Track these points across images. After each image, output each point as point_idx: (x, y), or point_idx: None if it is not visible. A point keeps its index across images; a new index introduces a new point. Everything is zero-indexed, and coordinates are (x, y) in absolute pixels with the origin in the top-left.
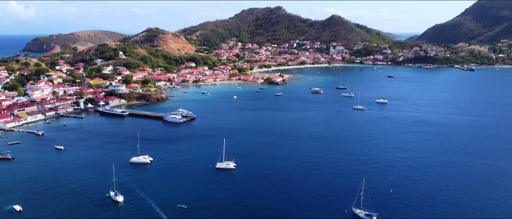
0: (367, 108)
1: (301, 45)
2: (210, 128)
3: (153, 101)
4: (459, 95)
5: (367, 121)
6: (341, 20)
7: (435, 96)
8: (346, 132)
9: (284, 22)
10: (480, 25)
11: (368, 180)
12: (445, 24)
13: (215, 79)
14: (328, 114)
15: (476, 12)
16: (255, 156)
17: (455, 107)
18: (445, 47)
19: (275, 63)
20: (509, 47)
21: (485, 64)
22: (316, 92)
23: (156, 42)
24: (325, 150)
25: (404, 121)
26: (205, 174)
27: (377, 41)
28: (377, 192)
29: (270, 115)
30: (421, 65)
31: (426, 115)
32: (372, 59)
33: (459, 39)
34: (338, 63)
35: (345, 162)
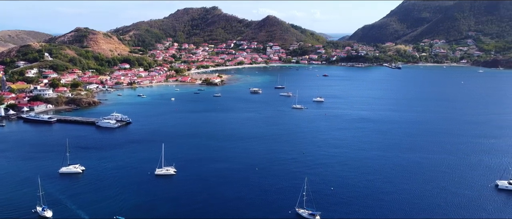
0: (305, 107)
1: (239, 46)
2: (147, 132)
3: (84, 106)
4: (390, 93)
5: (305, 119)
6: (276, 20)
7: (369, 93)
8: (286, 131)
9: (220, 22)
10: (404, 26)
11: (310, 179)
12: (373, 25)
13: (151, 81)
14: (267, 113)
15: (400, 13)
16: (196, 159)
17: (388, 104)
18: (374, 47)
19: (213, 64)
20: (430, 46)
21: (410, 62)
22: (255, 93)
23: (86, 42)
24: (266, 150)
25: (341, 118)
26: (143, 181)
27: (311, 41)
28: (319, 191)
29: (210, 117)
30: (353, 64)
31: (361, 112)
32: (307, 58)
33: (386, 39)
34: (275, 63)
35: (286, 161)
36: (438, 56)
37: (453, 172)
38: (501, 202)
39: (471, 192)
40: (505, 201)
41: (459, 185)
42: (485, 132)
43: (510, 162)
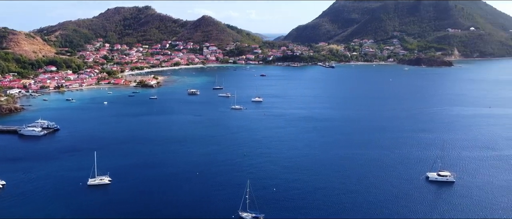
0: (244, 107)
1: (174, 46)
2: (78, 140)
3: (4, 113)
4: (326, 91)
5: (245, 120)
6: (212, 20)
7: (306, 92)
8: (226, 132)
9: (154, 22)
10: (336, 26)
11: (252, 181)
12: (306, 25)
13: (81, 84)
14: (206, 115)
15: (331, 14)
16: (133, 166)
17: (324, 102)
18: (309, 47)
19: (148, 65)
20: (360, 46)
21: (343, 61)
22: (193, 94)
23: (5, 44)
24: (207, 153)
25: (280, 118)
26: (74, 193)
27: (247, 41)
28: (262, 193)
29: (146, 120)
30: (289, 63)
31: (300, 110)
32: (244, 59)
33: (320, 39)
34: (212, 63)
35: (228, 164)
36: (367, 55)
37: (387, 167)
38: (431, 193)
39: (403, 185)
40: (435, 192)
41: (392, 179)
42: (415, 126)
43: (438, 154)
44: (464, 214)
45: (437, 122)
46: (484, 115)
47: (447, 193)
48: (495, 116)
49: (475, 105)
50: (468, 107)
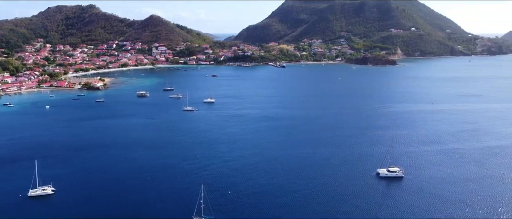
0: (196, 109)
1: (121, 46)
2: (16, 148)
3: None
4: (278, 90)
5: (197, 121)
6: (160, 20)
7: (258, 92)
8: (178, 135)
9: (99, 21)
10: (285, 26)
11: (206, 185)
12: (256, 25)
13: (20, 88)
14: (157, 117)
15: (280, 15)
16: (78, 175)
17: (277, 102)
18: (259, 47)
19: (93, 67)
20: (309, 45)
21: (293, 61)
22: (142, 96)
23: None
24: (158, 157)
25: (234, 119)
26: (12, 206)
27: (198, 41)
28: (216, 196)
29: (93, 125)
30: (241, 63)
31: (253, 110)
32: (195, 59)
33: (270, 39)
34: (162, 64)
35: (181, 168)
36: (317, 55)
37: (339, 165)
38: (382, 189)
39: (355, 182)
40: (385, 187)
41: (344, 177)
42: (364, 123)
43: (388, 150)
44: (413, 208)
45: (385, 118)
46: (428, 111)
47: (396, 188)
48: (437, 112)
49: (419, 102)
50: (413, 104)
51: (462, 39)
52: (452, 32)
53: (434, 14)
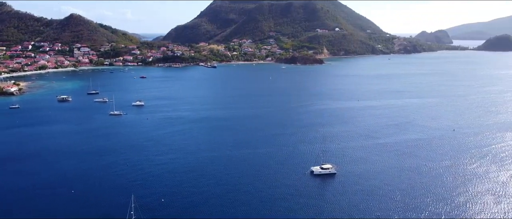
0: (124, 113)
1: (39, 47)
2: None
3: None
4: (211, 91)
5: (126, 126)
6: (82, 19)
7: (190, 93)
8: (105, 141)
9: (12, 20)
10: (215, 26)
11: (137, 194)
12: (185, 25)
13: None
14: (81, 124)
15: (209, 14)
16: None
17: (210, 103)
18: (189, 47)
19: (6, 70)
20: (239, 45)
21: (224, 61)
22: (63, 101)
23: None
24: (82, 166)
25: (166, 121)
26: None
27: (124, 41)
28: (149, 205)
29: (6, 135)
30: (171, 64)
31: (186, 112)
32: (122, 60)
33: (200, 39)
34: (85, 66)
35: (109, 177)
36: (247, 55)
37: (275, 164)
38: (316, 186)
39: (290, 181)
40: (319, 185)
41: (280, 176)
42: (298, 122)
43: (321, 148)
44: (344, 204)
45: (317, 116)
46: (357, 107)
47: (329, 184)
48: (366, 108)
49: (348, 99)
50: (342, 101)
51: (381, 38)
52: (372, 32)
53: (355, 15)
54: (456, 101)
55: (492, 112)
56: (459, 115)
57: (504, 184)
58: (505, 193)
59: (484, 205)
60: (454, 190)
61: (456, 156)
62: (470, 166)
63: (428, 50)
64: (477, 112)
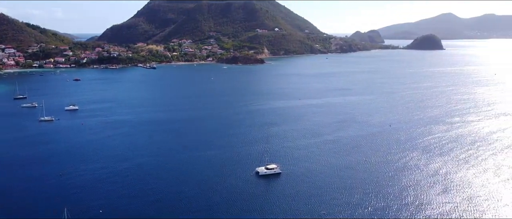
0: (56, 118)
1: None
2: None
3: None
4: (151, 93)
5: (59, 133)
6: (6, 18)
7: (129, 95)
8: (34, 150)
9: None
10: (153, 26)
11: (72, 206)
12: (122, 25)
13: None
14: (7, 132)
15: (147, 14)
16: None
17: (151, 105)
18: (126, 48)
19: None
20: (179, 46)
21: (164, 62)
22: None
23: None
24: (10, 179)
25: (103, 126)
26: None
27: (55, 42)
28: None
29: None
30: (107, 66)
31: (125, 116)
32: (53, 62)
33: (137, 39)
34: (11, 68)
35: (39, 190)
36: (188, 55)
37: (221, 167)
38: (262, 187)
39: (235, 184)
40: (265, 185)
41: (226, 179)
42: (242, 122)
43: (265, 148)
44: (289, 204)
45: (262, 116)
46: (298, 106)
47: (274, 185)
48: (309, 106)
49: (290, 98)
50: (285, 100)
51: (319, 38)
52: (310, 32)
53: (293, 16)
54: (391, 97)
55: (422, 107)
56: (395, 110)
57: (446, 174)
58: (446, 183)
59: (428, 197)
60: (396, 184)
61: (395, 150)
62: (408, 158)
63: (362, 49)
64: (410, 107)
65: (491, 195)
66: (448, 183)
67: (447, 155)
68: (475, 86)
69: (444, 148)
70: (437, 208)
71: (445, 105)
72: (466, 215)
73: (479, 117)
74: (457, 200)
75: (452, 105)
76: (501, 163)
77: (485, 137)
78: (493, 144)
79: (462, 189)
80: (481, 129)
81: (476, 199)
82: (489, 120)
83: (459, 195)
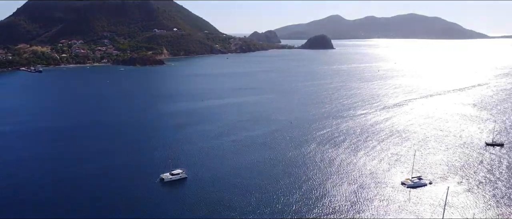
0: None
1: None
2: None
3: None
4: (37, 99)
5: None
6: None
7: (11, 104)
8: None
9: None
10: (37, 26)
11: None
12: None
13: None
14: None
15: (29, 12)
16: None
17: (38, 113)
18: (5, 49)
19: None
20: (69, 47)
21: (52, 64)
22: None
23: None
24: None
25: None
26: None
27: None
28: None
29: None
30: None
31: (5, 126)
32: None
33: (19, 40)
34: None
35: None
36: (79, 57)
37: (125, 176)
38: (166, 195)
39: (138, 193)
40: (169, 192)
41: (130, 188)
42: (145, 127)
43: (170, 153)
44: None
45: (166, 119)
46: (203, 107)
47: (179, 191)
48: (211, 107)
49: (194, 100)
50: (188, 102)
51: (218, 38)
52: (210, 33)
53: (192, 16)
54: (291, 95)
55: (319, 103)
56: (295, 108)
57: (340, 163)
58: (340, 172)
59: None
60: (296, 179)
61: (295, 145)
62: (306, 153)
63: (261, 49)
64: (308, 103)
65: (378, 180)
66: (343, 172)
67: (340, 146)
68: (362, 82)
69: (337, 140)
70: (334, 197)
71: (338, 100)
72: (358, 199)
73: (366, 109)
74: (352, 188)
75: (344, 100)
76: (387, 149)
77: (372, 127)
78: (379, 133)
79: (354, 177)
80: (369, 120)
81: (367, 184)
82: (375, 112)
83: (352, 182)
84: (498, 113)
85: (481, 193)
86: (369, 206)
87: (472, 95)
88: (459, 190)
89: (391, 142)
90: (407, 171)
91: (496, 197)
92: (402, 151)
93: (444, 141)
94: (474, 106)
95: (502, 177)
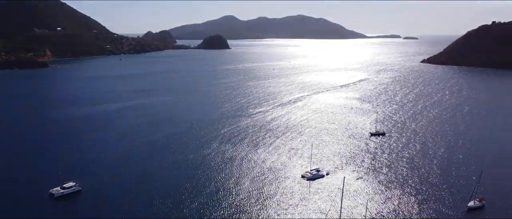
0: None
1: None
2: None
3: None
4: None
5: None
6: None
7: None
8: None
9: None
10: None
11: None
12: None
13: None
14: None
15: None
16: None
17: None
18: None
19: None
20: None
21: None
22: None
23: None
24: None
25: None
26: None
27: None
28: None
29: None
30: None
31: None
32: None
33: None
34: None
35: None
36: None
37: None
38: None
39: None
40: (61, 207)
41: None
42: (31, 136)
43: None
44: None
45: (57, 127)
46: (97, 112)
47: (71, 207)
48: (105, 112)
49: (85, 105)
50: (79, 107)
51: (109, 39)
52: (99, 33)
53: (79, 15)
54: (191, 96)
55: (219, 102)
56: (195, 109)
57: (241, 160)
58: (242, 168)
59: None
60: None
61: (199, 147)
62: (207, 153)
63: (156, 50)
64: (208, 104)
65: (279, 174)
66: (244, 170)
67: (240, 145)
68: (259, 80)
69: (237, 138)
70: (237, 196)
71: (236, 99)
72: (261, 195)
73: (263, 107)
74: (254, 185)
75: (242, 99)
76: (284, 144)
77: (270, 124)
78: (276, 129)
79: (256, 174)
80: (266, 117)
81: (268, 180)
82: (272, 109)
83: (254, 179)
84: (378, 105)
85: (371, 179)
86: (272, 201)
87: (355, 90)
88: (353, 178)
89: (288, 137)
90: (305, 164)
91: (384, 181)
92: (299, 145)
93: (336, 133)
94: (358, 99)
95: (387, 162)
